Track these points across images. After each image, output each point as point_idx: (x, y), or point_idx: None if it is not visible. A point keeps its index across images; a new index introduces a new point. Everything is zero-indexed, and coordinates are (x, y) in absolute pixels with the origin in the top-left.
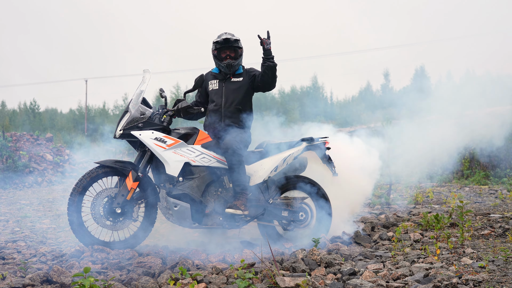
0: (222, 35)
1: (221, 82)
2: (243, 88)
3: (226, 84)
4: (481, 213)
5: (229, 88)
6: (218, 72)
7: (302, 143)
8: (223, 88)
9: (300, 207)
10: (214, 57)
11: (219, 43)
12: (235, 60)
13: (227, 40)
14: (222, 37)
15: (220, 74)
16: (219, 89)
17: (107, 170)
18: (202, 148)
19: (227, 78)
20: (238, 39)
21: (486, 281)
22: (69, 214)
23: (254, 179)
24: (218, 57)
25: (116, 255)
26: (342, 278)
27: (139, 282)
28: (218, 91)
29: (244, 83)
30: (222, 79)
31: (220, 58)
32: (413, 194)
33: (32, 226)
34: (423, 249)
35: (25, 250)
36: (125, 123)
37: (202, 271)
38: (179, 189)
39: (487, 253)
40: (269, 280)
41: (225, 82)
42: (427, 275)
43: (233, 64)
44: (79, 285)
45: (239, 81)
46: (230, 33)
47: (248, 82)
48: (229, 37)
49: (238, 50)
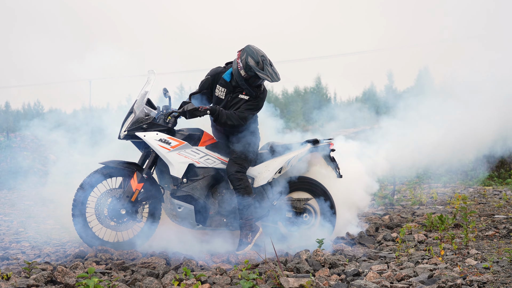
0: (263, 66)
1: (227, 95)
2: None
3: (232, 98)
4: (486, 214)
5: (233, 103)
6: (228, 81)
7: (306, 145)
8: (227, 101)
9: (304, 208)
10: (243, 78)
11: (257, 76)
12: (260, 87)
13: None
14: (263, 75)
15: (229, 84)
16: (223, 99)
17: (112, 171)
18: (207, 149)
19: (235, 91)
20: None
21: (491, 282)
22: (74, 215)
23: (258, 181)
24: (248, 82)
25: (120, 255)
26: (346, 279)
27: (143, 283)
28: (222, 101)
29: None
30: (230, 92)
31: (250, 83)
32: (417, 195)
33: (36, 227)
34: (427, 250)
35: (29, 250)
36: (129, 124)
37: (206, 272)
38: (183, 190)
39: (492, 254)
40: (273, 281)
41: (231, 95)
42: (431, 276)
43: (259, 93)
44: (84, 286)
45: (243, 99)
46: (268, 63)
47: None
48: (268, 80)
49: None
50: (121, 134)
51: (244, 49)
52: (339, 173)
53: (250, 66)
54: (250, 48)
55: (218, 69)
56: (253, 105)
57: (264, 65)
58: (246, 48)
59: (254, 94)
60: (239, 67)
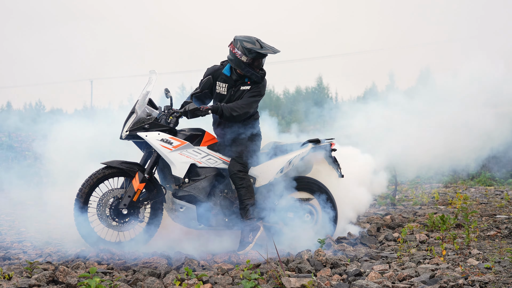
0: (259, 44)
1: (229, 89)
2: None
3: (234, 92)
4: (487, 214)
5: (236, 97)
6: (229, 75)
7: (308, 145)
8: (230, 96)
9: (305, 208)
10: (245, 64)
11: (262, 55)
12: (263, 69)
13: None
14: (265, 50)
15: (230, 78)
16: (226, 95)
17: (114, 171)
18: (208, 149)
19: (236, 85)
20: None
21: (492, 282)
22: (75, 215)
23: (260, 180)
24: (252, 65)
25: (122, 255)
26: (348, 279)
27: (144, 283)
28: (225, 96)
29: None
30: (231, 86)
31: (253, 67)
32: (418, 195)
33: (37, 227)
34: (429, 250)
35: (31, 250)
36: (131, 124)
37: (207, 272)
38: (185, 190)
39: (493, 254)
40: (275, 280)
41: (233, 89)
42: (433, 276)
43: (264, 74)
44: (85, 286)
45: (245, 90)
46: (262, 42)
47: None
48: (271, 53)
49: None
50: (123, 134)
51: (234, 39)
52: (341, 173)
53: (249, 49)
54: (240, 36)
55: (215, 67)
56: (255, 92)
57: (260, 43)
58: (236, 38)
59: (259, 77)
60: (238, 55)
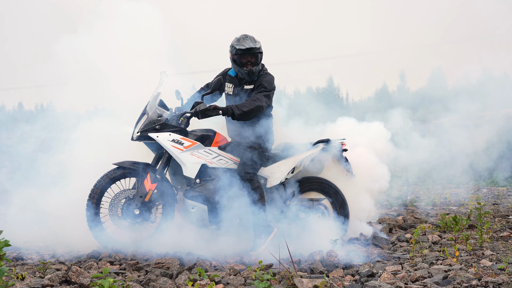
0: (244, 40)
1: (235, 89)
2: None
3: (240, 91)
4: (500, 215)
5: (242, 97)
6: (235, 76)
7: (319, 145)
8: (236, 96)
9: (317, 209)
10: (233, 61)
11: (242, 50)
12: (256, 66)
13: (250, 49)
14: (245, 44)
15: (235, 78)
16: (232, 95)
17: (125, 172)
18: (219, 150)
19: (241, 84)
20: (260, 46)
21: (506, 283)
22: (88, 215)
23: (271, 181)
24: (238, 63)
25: (134, 256)
26: (360, 279)
27: (157, 283)
28: (232, 97)
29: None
30: (237, 85)
31: (240, 64)
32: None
33: (50, 227)
34: (442, 251)
35: (44, 250)
36: (142, 125)
37: (220, 272)
38: (196, 191)
39: (507, 255)
40: (287, 281)
41: (239, 89)
42: (446, 277)
43: (254, 71)
44: (98, 286)
45: (249, 89)
46: (252, 37)
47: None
48: (253, 46)
49: (259, 56)
50: (134, 135)
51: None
52: (352, 173)
53: (231, 46)
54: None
55: (225, 69)
56: (260, 88)
57: (243, 39)
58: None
59: (245, 73)
60: (229, 54)
